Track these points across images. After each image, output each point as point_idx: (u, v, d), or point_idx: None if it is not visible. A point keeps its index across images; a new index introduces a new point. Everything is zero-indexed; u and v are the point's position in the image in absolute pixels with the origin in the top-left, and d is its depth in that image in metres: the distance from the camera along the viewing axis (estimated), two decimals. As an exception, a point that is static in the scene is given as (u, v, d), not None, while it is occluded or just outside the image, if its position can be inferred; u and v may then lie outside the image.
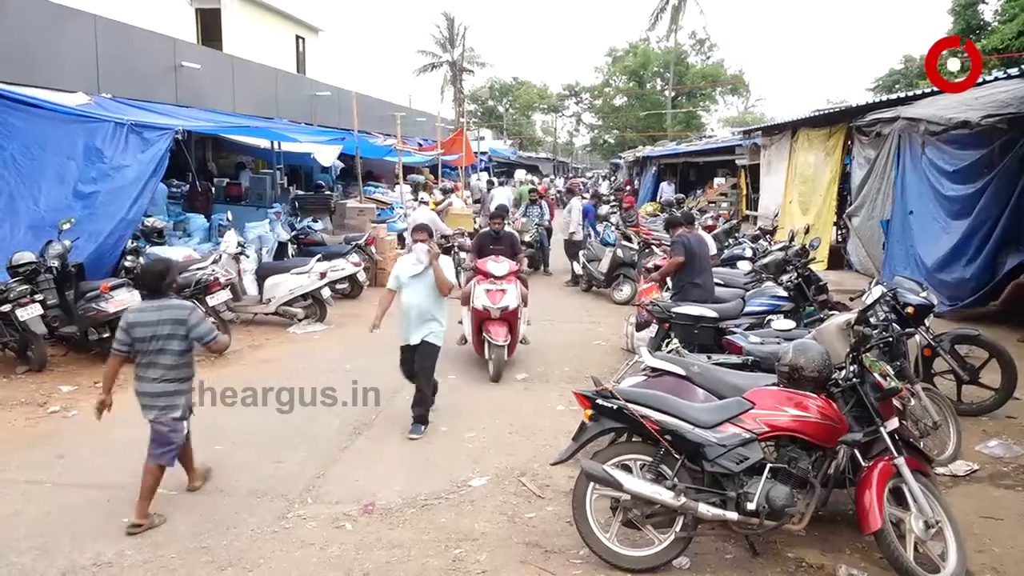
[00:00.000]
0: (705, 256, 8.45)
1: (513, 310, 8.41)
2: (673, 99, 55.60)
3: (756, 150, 19.88)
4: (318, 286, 10.94)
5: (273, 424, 6.93)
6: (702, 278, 8.28)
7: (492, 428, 6.90)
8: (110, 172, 9.74)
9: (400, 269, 6.90)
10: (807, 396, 4.49)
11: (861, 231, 13.04)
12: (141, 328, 4.94)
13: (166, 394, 5.02)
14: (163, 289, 5.07)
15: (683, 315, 7.61)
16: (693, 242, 8.45)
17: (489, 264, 8.80)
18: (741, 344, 6.31)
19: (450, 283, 6.73)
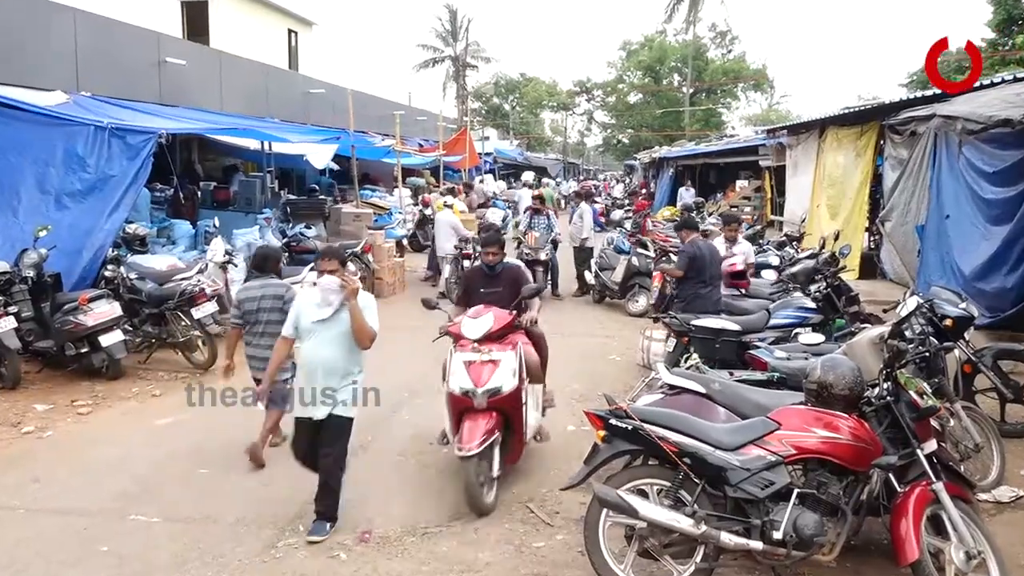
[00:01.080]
0: (715, 265, 8.64)
1: (509, 394, 5.68)
2: (691, 96, 55.71)
3: (781, 150, 19.89)
4: (311, 297, 10.95)
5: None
6: (707, 289, 8.46)
7: (498, 450, 6.87)
8: (94, 182, 9.81)
9: (300, 310, 5.41)
10: (837, 416, 4.48)
11: (894, 237, 13.00)
12: (248, 303, 6.60)
13: (269, 358, 6.17)
14: (267, 270, 6.87)
15: (703, 328, 7.61)
16: (704, 250, 8.60)
17: (464, 324, 5.99)
18: (766, 359, 6.30)
19: (371, 331, 5.24)
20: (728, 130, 47.61)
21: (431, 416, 7.68)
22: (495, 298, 6.40)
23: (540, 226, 13.84)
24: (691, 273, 8.59)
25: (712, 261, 8.62)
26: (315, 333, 5.33)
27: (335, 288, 5.24)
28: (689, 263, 8.58)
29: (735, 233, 10.20)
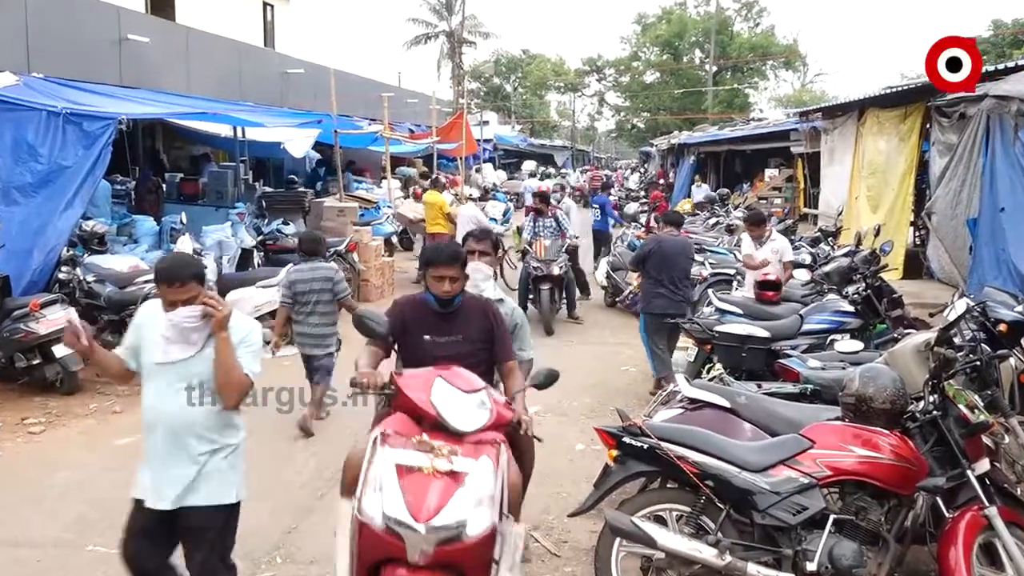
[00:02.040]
0: (676, 263, 8.96)
1: (475, 542, 3.50)
2: (715, 75, 55.72)
3: (815, 135, 19.87)
4: (289, 302, 10.98)
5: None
6: (665, 289, 8.88)
7: (498, 472, 6.88)
8: (46, 174, 9.81)
9: (141, 337, 4.14)
10: (878, 433, 4.48)
11: (942, 232, 13.00)
12: (300, 284, 7.83)
13: (322, 335, 7.93)
14: (318, 254, 8.09)
15: (728, 335, 7.62)
16: (665, 248, 9.04)
17: (437, 392, 3.89)
18: (798, 370, 6.30)
19: (243, 379, 3.99)
20: (755, 113, 47.61)
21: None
22: (449, 351, 4.49)
23: (548, 231, 12.77)
24: (648, 271, 9.04)
25: (672, 261, 8.91)
26: (160, 378, 4.05)
27: (195, 323, 3.94)
28: (639, 261, 9.20)
29: (761, 231, 10.05)
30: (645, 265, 9.12)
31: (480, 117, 42.60)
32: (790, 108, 40.39)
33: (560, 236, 12.74)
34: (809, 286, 9.49)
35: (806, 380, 6.06)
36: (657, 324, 9.05)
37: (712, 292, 9.31)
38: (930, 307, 9.02)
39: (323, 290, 7.88)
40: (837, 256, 10.73)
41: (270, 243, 14.24)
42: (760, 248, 9.96)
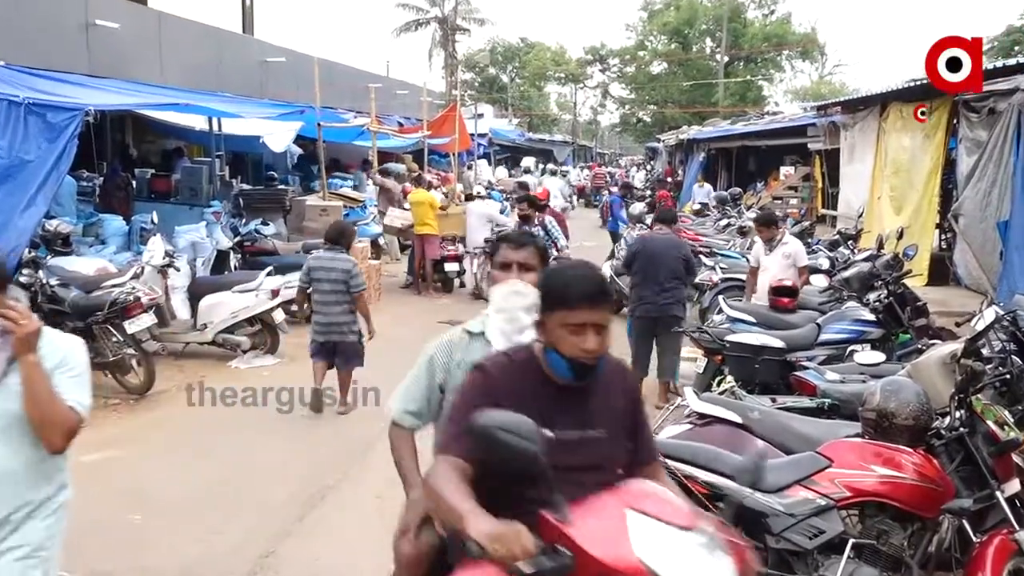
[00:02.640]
0: (663, 262, 9.06)
1: None
2: (727, 65, 55.90)
3: (835, 131, 19.91)
4: (269, 308, 10.97)
5: (215, 482, 6.95)
6: (650, 288, 9.03)
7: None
8: (6, 169, 9.78)
9: None
10: (900, 451, 4.48)
11: (970, 235, 13.02)
12: (318, 271, 8.68)
13: (341, 323, 8.69)
14: (341, 244, 8.90)
15: (739, 345, 7.63)
16: (651, 246, 9.27)
17: None
18: (815, 383, 6.31)
19: (67, 417, 3.24)
20: (770, 107, 47.67)
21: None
22: (585, 458, 2.78)
23: None
24: (635, 272, 9.23)
25: (658, 260, 9.04)
26: None
27: None
28: (627, 263, 9.49)
29: (772, 233, 10.06)
30: (632, 267, 9.32)
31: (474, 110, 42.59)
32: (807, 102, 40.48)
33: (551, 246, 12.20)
34: (827, 293, 9.51)
35: (823, 394, 6.07)
36: (640, 328, 9.24)
37: (723, 299, 9.34)
38: (956, 316, 8.98)
39: (339, 281, 8.65)
40: (857, 261, 10.72)
41: (248, 244, 14.22)
42: (771, 252, 9.97)
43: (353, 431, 8.14)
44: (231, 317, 10.90)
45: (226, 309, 10.91)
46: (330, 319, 8.72)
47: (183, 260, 12.17)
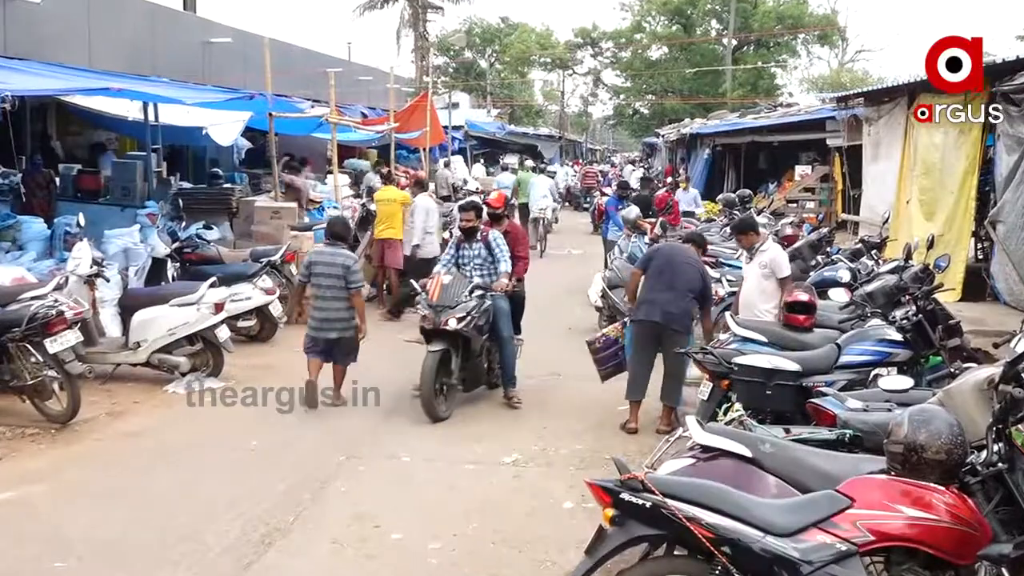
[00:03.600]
0: (682, 271, 9.45)
1: None
2: (735, 51, 56.26)
3: (857, 125, 20.06)
4: (211, 324, 10.92)
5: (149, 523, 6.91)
6: (662, 293, 9.37)
7: (468, 535, 6.87)
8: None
9: None
10: (931, 489, 4.49)
11: (1011, 245, 13.08)
12: (319, 265, 9.99)
13: (340, 319, 9.97)
14: (344, 240, 10.61)
15: (749, 368, 7.63)
16: (672, 251, 9.89)
17: None
18: (834, 411, 6.32)
19: None
20: (784, 97, 47.97)
21: (379, 488, 7.68)
22: None
23: (475, 263, 10.55)
24: (649, 274, 9.61)
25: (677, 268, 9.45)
26: None
27: None
28: (644, 262, 9.90)
29: (751, 240, 10.20)
30: (648, 268, 9.64)
31: (448, 99, 42.67)
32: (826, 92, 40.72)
33: (487, 276, 10.49)
34: (848, 309, 9.52)
35: (844, 424, 6.08)
36: (642, 333, 9.45)
37: (730, 316, 9.34)
38: (994, 336, 9.07)
39: (337, 276, 9.91)
40: (882, 273, 10.78)
41: (188, 252, 14.14)
42: (750, 262, 10.09)
43: (307, 464, 8.11)
44: (168, 335, 10.83)
45: (162, 325, 10.83)
46: (329, 314, 9.93)
47: (113, 269, 12.10)
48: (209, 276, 11.78)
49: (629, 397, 9.52)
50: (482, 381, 10.56)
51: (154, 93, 15.92)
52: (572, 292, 16.73)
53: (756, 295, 9.98)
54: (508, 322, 10.31)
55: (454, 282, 9.93)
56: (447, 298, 9.69)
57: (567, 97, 73.99)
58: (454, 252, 10.61)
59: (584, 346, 10.39)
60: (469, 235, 10.47)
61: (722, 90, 53.40)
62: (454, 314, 9.59)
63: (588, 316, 14.59)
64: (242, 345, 12.19)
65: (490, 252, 10.41)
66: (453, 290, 9.79)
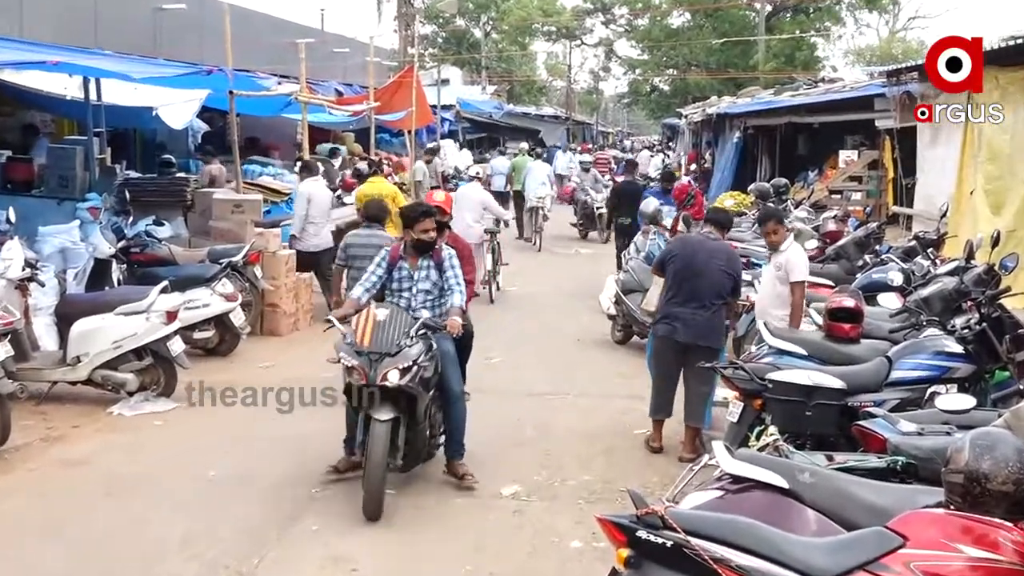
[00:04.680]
0: (705, 273, 9.43)
1: None
2: (769, 17, 56.21)
3: (910, 104, 20.03)
4: (163, 335, 10.90)
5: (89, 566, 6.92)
6: (684, 305, 9.38)
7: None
8: None
9: None
10: (996, 526, 4.49)
11: (1089, 242, 13.09)
12: (354, 248, 10.70)
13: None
14: (381, 221, 11.40)
15: (786, 385, 7.63)
16: (690, 249, 9.73)
17: None
18: (884, 435, 6.32)
19: None
20: (826, 72, 47.98)
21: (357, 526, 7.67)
22: None
23: (418, 289, 8.83)
24: (667, 279, 9.71)
25: (698, 269, 9.44)
26: None
27: None
28: (660, 263, 10.05)
29: (779, 237, 10.21)
30: (664, 270, 9.77)
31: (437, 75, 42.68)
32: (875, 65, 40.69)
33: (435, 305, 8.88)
34: (900, 317, 9.53)
35: (895, 450, 6.08)
36: (662, 351, 9.54)
37: (763, 324, 9.35)
38: (1070, 347, 9.08)
39: (373, 258, 9.81)
40: (940, 274, 10.77)
41: (136, 252, 14.12)
42: (769, 262, 10.12)
43: (273, 498, 8.10)
44: (113, 348, 10.80)
45: (106, 337, 10.81)
46: None
47: (49, 272, 12.09)
48: (160, 280, 11.77)
49: (653, 416, 9.61)
50: (423, 456, 8.69)
51: (96, 67, 15.89)
52: (580, 296, 16.80)
53: (770, 300, 10.08)
54: (458, 372, 8.81)
55: (392, 318, 8.17)
56: (384, 342, 7.94)
57: (574, 72, 74.18)
58: (382, 273, 8.84)
59: (595, 361, 10.39)
60: (421, 251, 8.79)
61: (754, 63, 53.30)
62: (395, 363, 7.81)
63: (598, 325, 14.62)
64: (199, 360, 12.18)
65: (441, 277, 8.83)
66: (392, 330, 8.05)
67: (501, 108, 50.41)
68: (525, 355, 13.38)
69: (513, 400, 11.22)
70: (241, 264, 13.81)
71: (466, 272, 9.37)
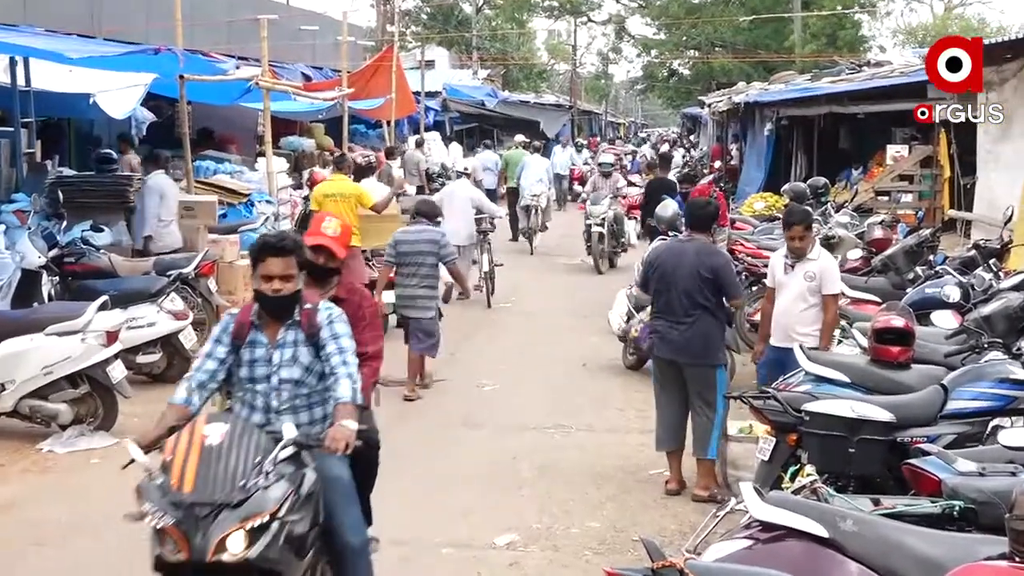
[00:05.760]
0: (676, 281, 9.55)
1: None
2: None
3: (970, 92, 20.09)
4: (101, 359, 10.90)
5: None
6: (666, 318, 9.61)
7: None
8: None
9: None
10: (1069, 580, 4.51)
11: None
12: (404, 244, 12.68)
13: (422, 297, 12.78)
14: (432, 217, 13.25)
15: (824, 418, 7.62)
16: (667, 257, 9.90)
17: None
18: (939, 476, 6.32)
19: None
20: (872, 54, 48.01)
21: None
22: None
23: (279, 379, 6.23)
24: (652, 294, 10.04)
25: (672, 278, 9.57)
26: None
27: None
28: (643, 281, 10.47)
29: (805, 243, 10.16)
30: (648, 287, 10.20)
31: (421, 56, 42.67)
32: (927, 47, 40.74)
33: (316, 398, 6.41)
34: (958, 339, 9.54)
35: (952, 493, 6.08)
36: (661, 370, 9.76)
37: (799, 348, 9.35)
38: None
39: (429, 253, 12.78)
40: (1003, 289, 10.78)
41: (70, 262, 14.10)
42: (792, 271, 10.07)
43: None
44: (43, 374, 10.78)
45: (35, 362, 10.79)
46: (409, 291, 12.85)
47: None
48: (99, 294, 11.76)
49: (660, 448, 9.68)
50: None
51: (24, 45, 15.88)
52: (586, 314, 16.82)
53: (797, 315, 9.99)
54: (357, 510, 6.40)
55: (234, 439, 5.58)
56: (218, 482, 5.38)
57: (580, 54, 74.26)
58: (224, 354, 6.29)
59: (603, 389, 10.34)
60: (276, 316, 6.29)
61: (789, 44, 53.46)
62: (239, 520, 5.30)
63: (607, 347, 14.60)
64: (143, 387, 12.17)
65: (317, 356, 6.27)
66: (233, 459, 5.51)
67: (495, 95, 50.23)
68: (522, 382, 13.38)
69: (508, 435, 11.24)
70: (192, 276, 13.80)
71: (367, 341, 7.06)
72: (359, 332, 6.72)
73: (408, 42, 51.69)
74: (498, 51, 69.06)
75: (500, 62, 67.15)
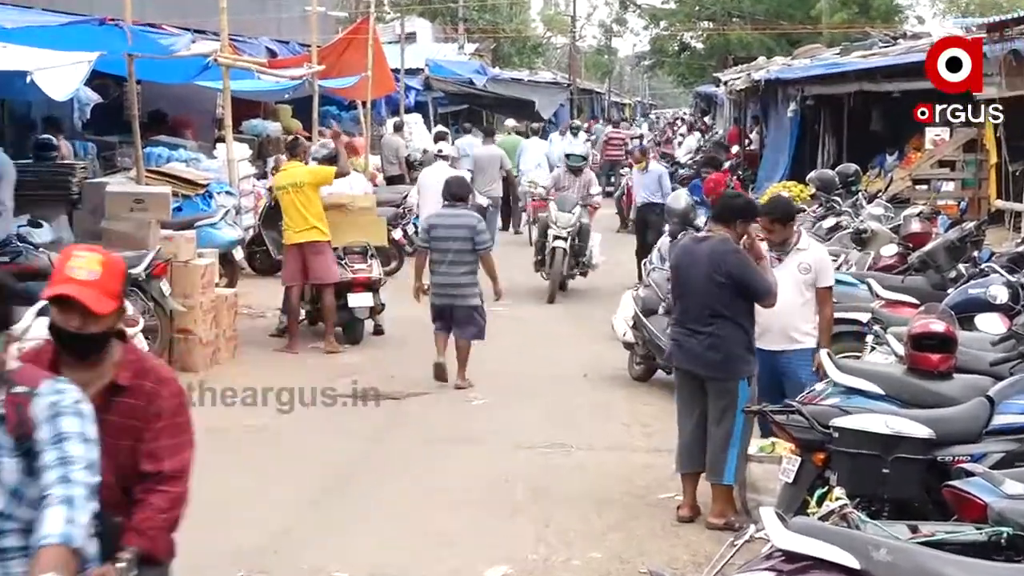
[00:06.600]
0: (694, 285, 9.52)
1: None
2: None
3: (1019, 67, 20.12)
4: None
5: None
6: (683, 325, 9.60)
7: None
8: None
9: None
10: None
11: None
12: (439, 229, 13.59)
13: (458, 285, 13.54)
14: (465, 200, 14.50)
15: (855, 434, 7.64)
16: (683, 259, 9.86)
17: None
18: (984, 499, 6.34)
19: None
20: (908, 25, 48.06)
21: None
22: None
23: None
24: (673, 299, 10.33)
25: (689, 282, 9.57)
26: None
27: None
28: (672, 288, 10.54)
29: (788, 233, 10.30)
30: (673, 293, 10.33)
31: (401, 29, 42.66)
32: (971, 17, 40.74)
33: None
34: (1005, 345, 9.55)
35: (999, 518, 6.09)
36: (680, 382, 9.83)
37: (826, 355, 9.35)
38: None
39: (463, 238, 13.46)
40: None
41: (6, 262, 14.10)
42: (782, 262, 10.12)
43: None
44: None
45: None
46: (448, 279, 13.55)
47: None
48: (35, 296, 11.76)
49: (680, 469, 9.63)
50: None
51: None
52: (587, 319, 16.79)
53: (796, 311, 10.01)
54: None
55: None
56: None
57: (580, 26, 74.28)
58: None
59: (606, 403, 10.31)
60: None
61: (816, 14, 53.49)
62: None
63: (611, 355, 14.60)
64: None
65: (30, 472, 4.44)
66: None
67: (484, 72, 50.09)
68: (516, 395, 13.38)
69: (501, 454, 11.27)
70: (143, 278, 13.74)
71: (161, 453, 4.86)
72: (150, 439, 4.85)
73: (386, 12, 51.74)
74: (488, 23, 69.13)
75: (490, 35, 67.22)
